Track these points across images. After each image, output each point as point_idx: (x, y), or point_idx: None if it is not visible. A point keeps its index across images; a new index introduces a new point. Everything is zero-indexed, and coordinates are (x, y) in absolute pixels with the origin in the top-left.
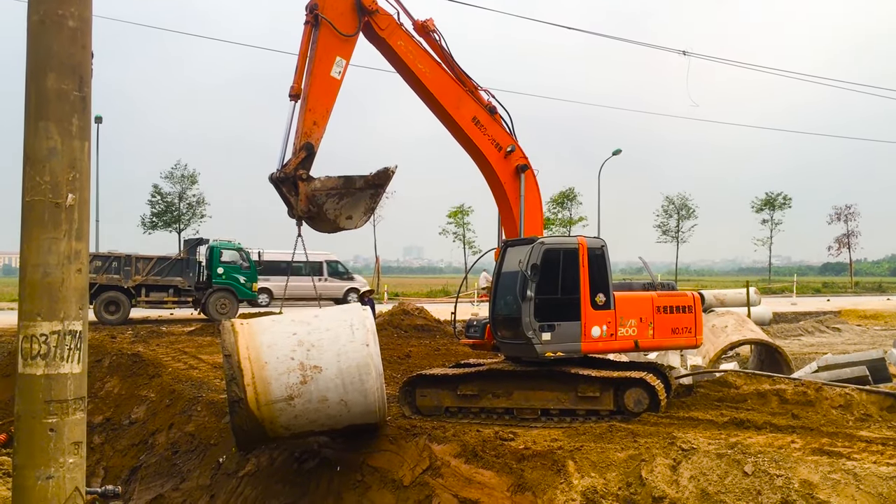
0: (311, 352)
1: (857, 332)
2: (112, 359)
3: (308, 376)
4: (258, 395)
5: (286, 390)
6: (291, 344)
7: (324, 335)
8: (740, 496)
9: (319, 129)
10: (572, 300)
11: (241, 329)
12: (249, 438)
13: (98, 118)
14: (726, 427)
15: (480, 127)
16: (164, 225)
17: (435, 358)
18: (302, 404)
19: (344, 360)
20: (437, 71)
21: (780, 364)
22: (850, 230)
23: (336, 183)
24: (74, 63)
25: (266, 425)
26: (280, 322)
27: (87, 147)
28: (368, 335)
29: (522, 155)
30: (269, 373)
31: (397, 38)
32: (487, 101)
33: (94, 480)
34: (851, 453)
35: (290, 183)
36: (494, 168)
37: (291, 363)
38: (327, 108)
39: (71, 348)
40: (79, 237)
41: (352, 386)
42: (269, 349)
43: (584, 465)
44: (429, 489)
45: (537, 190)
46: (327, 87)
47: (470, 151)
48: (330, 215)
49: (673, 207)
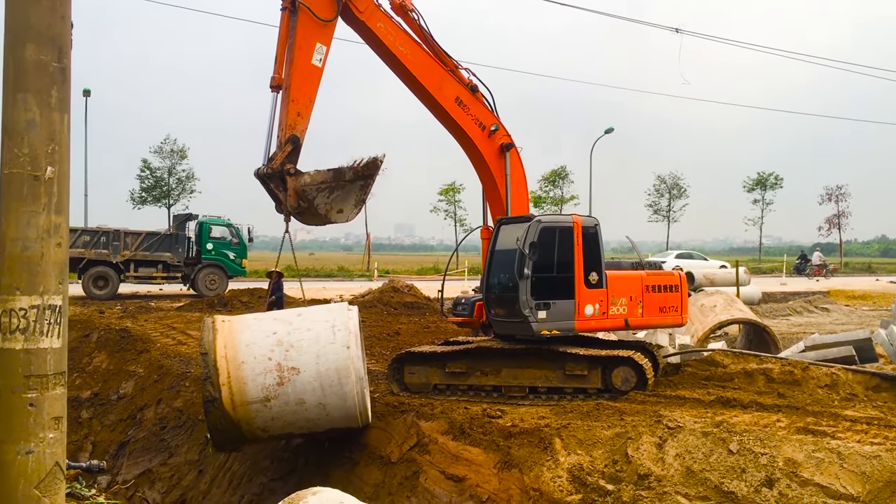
0: (290, 352)
1: (846, 312)
2: (100, 334)
3: (285, 377)
4: (233, 396)
5: (262, 391)
6: (270, 343)
7: (304, 335)
8: (725, 474)
9: (304, 120)
10: (567, 278)
11: (222, 326)
12: (226, 438)
13: (86, 91)
14: (713, 406)
15: (463, 107)
16: (153, 200)
17: (424, 335)
18: (279, 406)
19: (323, 362)
20: (418, 52)
21: (768, 343)
22: (840, 211)
23: (325, 176)
24: (53, 34)
25: (242, 426)
26: (262, 320)
27: (67, 119)
28: (350, 337)
29: (506, 133)
30: (245, 372)
31: (377, 19)
32: (469, 80)
33: (82, 455)
34: (836, 432)
35: (278, 178)
36: (479, 147)
37: (269, 363)
38: (310, 97)
39: (51, 323)
40: (58, 211)
41: (330, 389)
42: (247, 348)
43: (571, 443)
44: (416, 466)
45: (522, 168)
46: (309, 75)
47: (453, 132)
48: (321, 210)
49: (664, 187)
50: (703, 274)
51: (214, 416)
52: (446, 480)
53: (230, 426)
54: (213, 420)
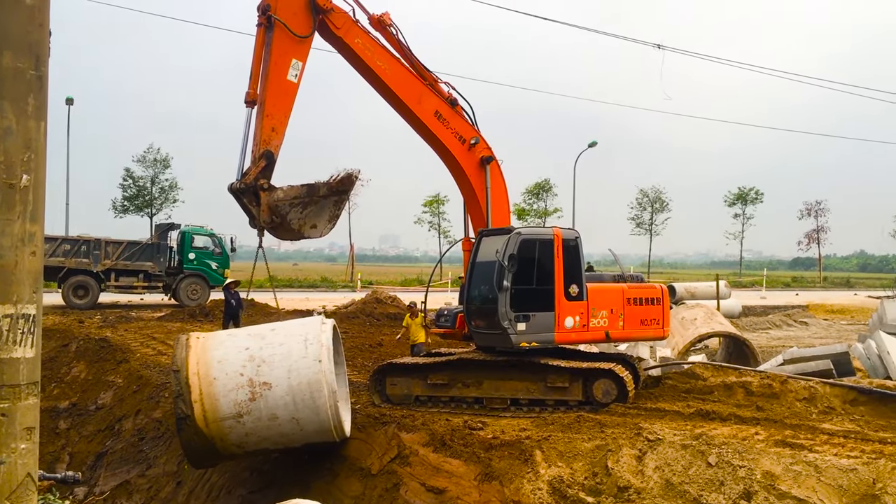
0: (262, 367)
1: (824, 326)
2: (79, 343)
3: (257, 393)
4: (206, 412)
5: (235, 407)
6: (242, 359)
7: (276, 350)
8: (704, 487)
9: (278, 136)
10: (547, 291)
11: (195, 343)
12: (201, 456)
13: (69, 100)
14: (692, 418)
15: (443, 121)
16: (135, 209)
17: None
18: (252, 422)
19: (295, 376)
20: (397, 67)
21: (748, 357)
22: (819, 226)
23: (299, 192)
24: (31, 41)
25: (217, 443)
26: (236, 336)
27: (44, 127)
28: (322, 351)
29: (486, 146)
30: (217, 389)
31: (354, 35)
32: (448, 94)
33: (59, 466)
34: (814, 445)
35: (251, 193)
36: (459, 161)
37: (241, 379)
38: (285, 113)
39: (24, 332)
40: (33, 219)
41: (303, 403)
42: (219, 364)
43: (552, 455)
44: (397, 477)
45: (503, 180)
46: (284, 91)
47: (433, 146)
48: (294, 225)
49: (647, 200)
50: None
51: (187, 434)
52: (427, 492)
53: (204, 443)
54: (187, 437)
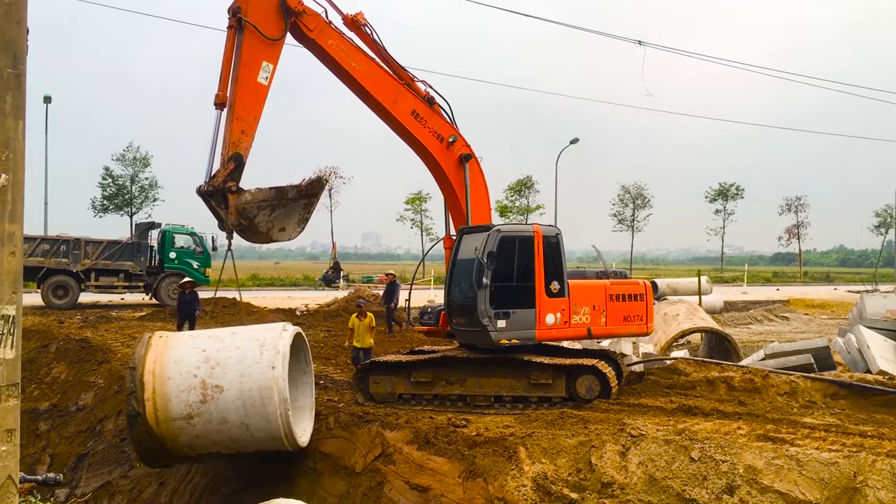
0: (216, 370)
1: (805, 320)
2: (59, 344)
3: (209, 395)
4: (157, 411)
5: (185, 408)
6: (198, 361)
7: (232, 354)
8: (687, 481)
9: (248, 138)
10: (527, 288)
11: (155, 342)
12: (152, 455)
13: (47, 98)
14: (675, 414)
15: (420, 120)
16: (115, 208)
17: (390, 344)
18: (202, 424)
19: (246, 381)
20: (372, 67)
21: (730, 352)
22: (799, 221)
23: (267, 195)
24: (8, 39)
25: (168, 443)
26: (197, 337)
27: (22, 126)
28: (277, 357)
29: (465, 144)
30: (169, 389)
31: (327, 37)
32: (425, 92)
33: (40, 468)
34: (795, 439)
35: (220, 196)
36: (437, 160)
37: (194, 380)
38: (255, 115)
39: (3, 333)
40: (12, 219)
41: (253, 409)
42: (174, 364)
43: (536, 452)
44: (381, 476)
45: (482, 178)
46: (254, 93)
47: (411, 145)
48: (262, 228)
49: (629, 196)
50: (666, 283)
51: (138, 432)
52: (411, 490)
53: (154, 442)
54: (137, 435)
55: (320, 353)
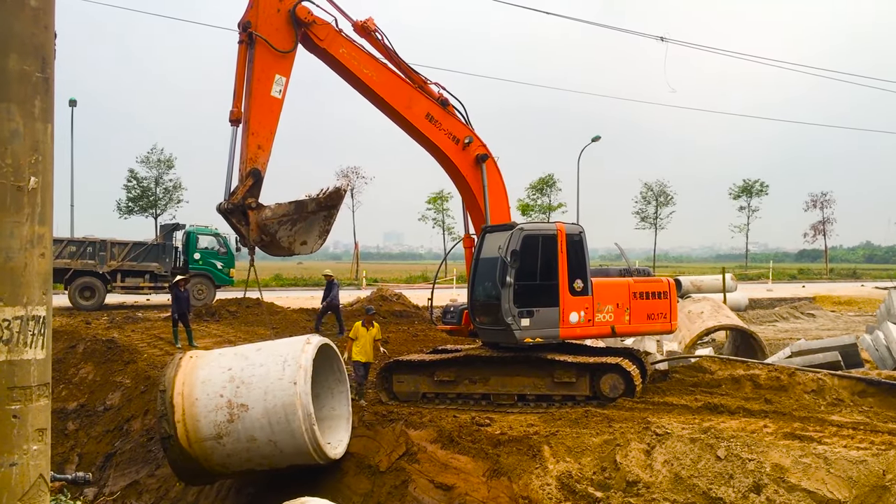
0: (241, 389)
1: (832, 317)
2: (87, 345)
3: (235, 414)
4: (188, 433)
5: (214, 428)
6: (223, 380)
7: (256, 371)
8: (713, 480)
9: (265, 153)
10: (551, 286)
11: (185, 363)
12: (189, 474)
13: (72, 101)
14: (700, 412)
15: (435, 123)
16: (140, 210)
17: (413, 344)
18: (231, 443)
19: (271, 398)
20: (384, 73)
21: (755, 349)
22: (825, 217)
23: (287, 209)
24: (37, 44)
25: (202, 463)
26: (225, 355)
27: (50, 130)
28: (299, 372)
29: (481, 143)
30: (198, 409)
31: (338, 45)
32: (438, 94)
33: (69, 467)
34: (823, 437)
35: (240, 213)
36: (454, 161)
37: (220, 400)
38: (271, 130)
39: (34, 334)
40: (42, 221)
41: (278, 426)
42: (202, 385)
43: (560, 450)
44: (405, 475)
45: (500, 177)
46: (269, 108)
47: (427, 148)
48: (284, 243)
49: (651, 194)
50: (690, 280)
51: (173, 453)
52: (435, 489)
53: (189, 462)
54: (173, 457)
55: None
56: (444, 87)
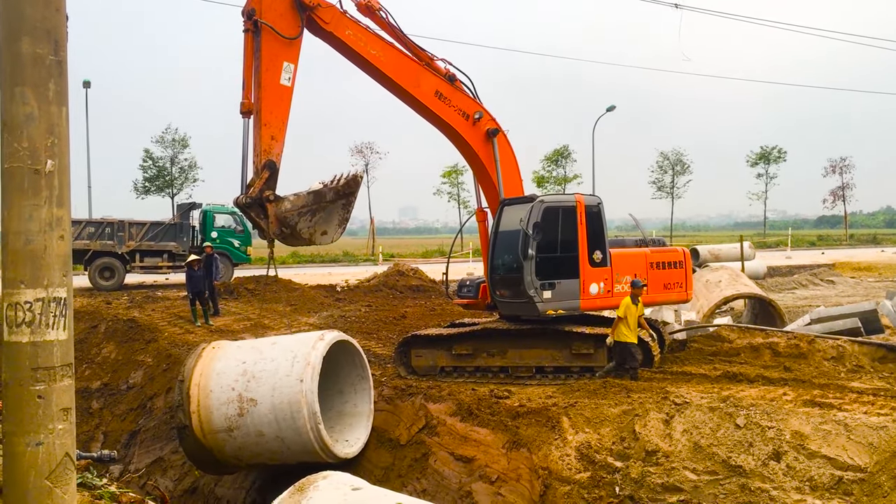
0: (251, 383)
1: (851, 284)
2: (108, 324)
3: (244, 409)
4: (202, 424)
5: (226, 421)
6: (236, 373)
7: (267, 366)
8: (732, 448)
9: (278, 144)
10: (571, 258)
11: (206, 354)
12: (205, 464)
13: (86, 82)
14: (719, 381)
15: (444, 100)
16: (156, 190)
17: (430, 318)
18: (242, 437)
19: (278, 395)
20: (391, 52)
21: (774, 317)
22: (844, 183)
23: (306, 200)
24: (49, 27)
25: (216, 454)
26: (242, 348)
27: (65, 112)
28: (307, 369)
29: (491, 118)
30: (212, 402)
31: (344, 27)
32: (445, 70)
33: (94, 445)
34: (843, 404)
35: (258, 206)
36: (465, 137)
37: (232, 394)
38: (283, 119)
39: (56, 315)
40: (60, 203)
41: (285, 423)
42: (217, 377)
43: (579, 421)
44: (425, 447)
45: (511, 150)
46: (279, 97)
47: (437, 125)
48: (304, 234)
49: (668, 163)
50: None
51: (188, 443)
52: (455, 461)
53: (203, 453)
54: (187, 447)
55: (362, 328)
56: (451, 62)
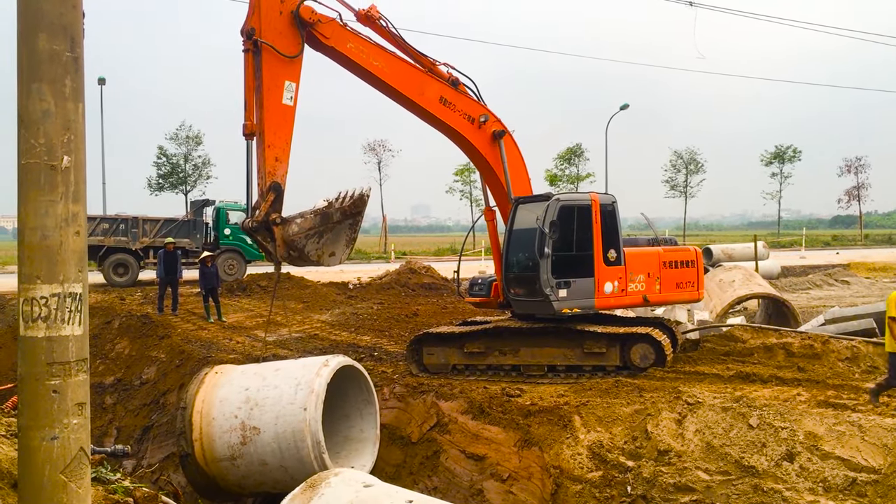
0: (254, 411)
1: (866, 284)
2: (122, 320)
3: (248, 437)
4: (205, 452)
5: (228, 450)
6: (240, 400)
7: (270, 393)
8: (745, 448)
9: (283, 165)
10: (586, 256)
11: (208, 380)
12: (210, 493)
13: (101, 80)
14: (732, 381)
15: (449, 105)
16: (170, 187)
17: (442, 316)
18: (245, 466)
19: (281, 423)
20: (394, 62)
21: (788, 318)
22: (860, 182)
23: (313, 222)
24: (65, 23)
25: (219, 482)
26: (246, 374)
27: (81, 109)
28: (310, 397)
29: (496, 119)
30: (214, 429)
31: (345, 41)
32: (448, 75)
33: (107, 440)
34: (857, 405)
35: (265, 229)
36: (472, 141)
37: (234, 421)
38: (286, 140)
39: (71, 310)
40: (76, 199)
41: (288, 452)
42: (220, 404)
43: (591, 420)
44: (437, 445)
45: (518, 150)
46: (282, 117)
47: (443, 131)
48: (312, 257)
49: (681, 162)
50: (721, 249)
51: (190, 471)
52: (467, 459)
53: (207, 481)
54: (190, 475)
55: (374, 326)
56: (453, 66)
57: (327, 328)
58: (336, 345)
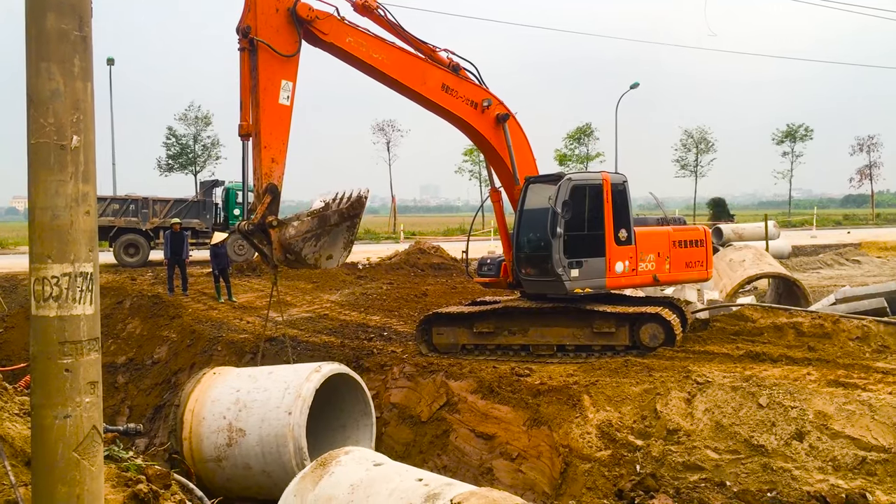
0: (242, 413)
1: (877, 264)
2: (133, 300)
3: (233, 439)
4: (193, 452)
5: (215, 451)
6: (230, 401)
7: (259, 396)
8: (755, 428)
9: (279, 166)
10: (598, 236)
11: (205, 379)
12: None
13: (110, 60)
14: (742, 360)
15: (451, 92)
16: (179, 167)
17: (451, 296)
18: (230, 468)
19: (266, 427)
20: (394, 53)
21: (798, 297)
22: (872, 161)
23: (310, 225)
24: (73, 2)
25: (206, 484)
26: (240, 375)
27: (90, 88)
28: (297, 402)
29: (499, 103)
30: (203, 429)
31: (344, 35)
32: (448, 60)
33: (120, 419)
34: (867, 384)
35: (261, 232)
36: (476, 127)
37: (222, 422)
38: (283, 140)
39: (83, 290)
40: (86, 179)
41: (271, 457)
42: (211, 404)
43: (600, 400)
44: (446, 424)
45: (522, 133)
46: (278, 117)
47: (447, 118)
48: (310, 260)
49: (692, 141)
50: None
51: (180, 470)
52: (476, 438)
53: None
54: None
55: (383, 306)
56: (453, 51)
57: (337, 308)
58: (346, 324)
